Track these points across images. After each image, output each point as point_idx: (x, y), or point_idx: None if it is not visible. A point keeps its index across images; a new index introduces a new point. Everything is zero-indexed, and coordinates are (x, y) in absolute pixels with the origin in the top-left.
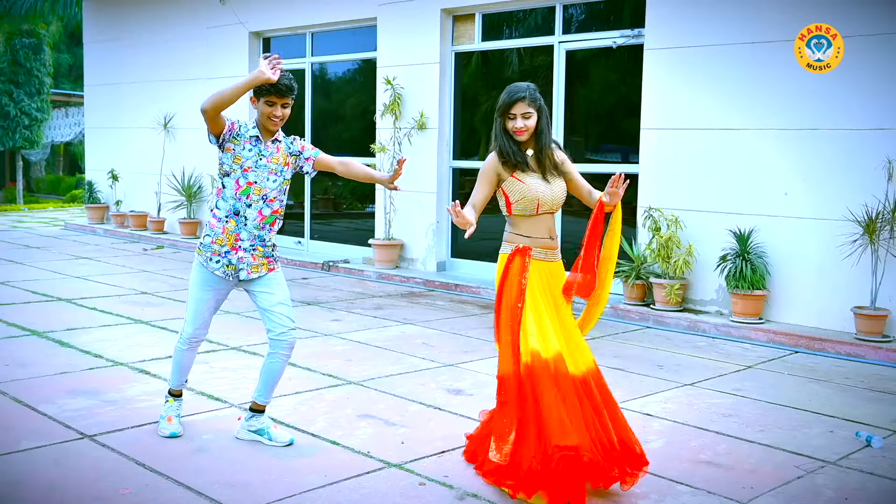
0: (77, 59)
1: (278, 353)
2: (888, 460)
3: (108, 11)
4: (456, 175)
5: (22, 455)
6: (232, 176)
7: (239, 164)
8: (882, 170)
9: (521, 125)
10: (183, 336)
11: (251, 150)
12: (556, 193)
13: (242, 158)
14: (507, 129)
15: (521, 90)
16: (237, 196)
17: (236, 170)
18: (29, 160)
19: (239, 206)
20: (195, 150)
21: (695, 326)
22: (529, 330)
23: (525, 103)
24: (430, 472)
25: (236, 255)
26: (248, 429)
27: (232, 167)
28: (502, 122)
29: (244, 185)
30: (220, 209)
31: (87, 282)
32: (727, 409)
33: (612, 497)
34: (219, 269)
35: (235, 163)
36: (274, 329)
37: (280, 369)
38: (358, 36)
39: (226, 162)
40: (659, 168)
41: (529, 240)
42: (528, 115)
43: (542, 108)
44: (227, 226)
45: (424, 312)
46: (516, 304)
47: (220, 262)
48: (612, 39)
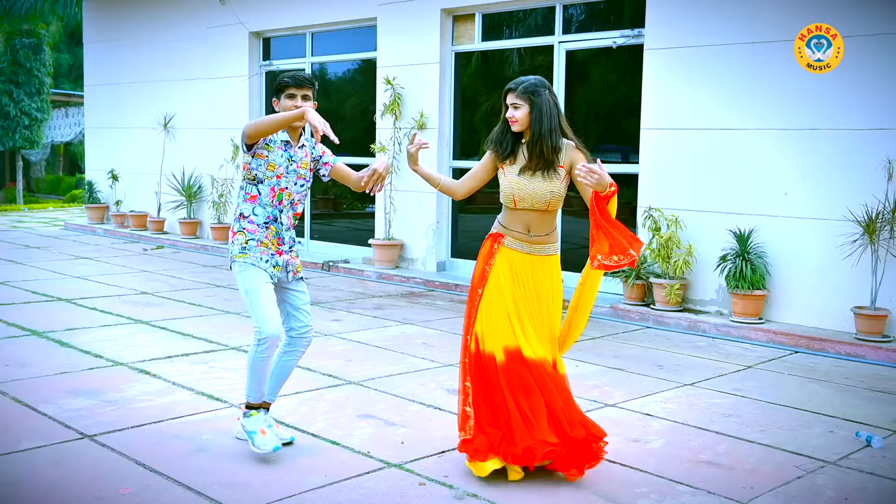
0: (77, 59)
1: (297, 350)
2: (888, 460)
3: (108, 11)
4: (456, 175)
5: (22, 455)
6: (266, 183)
7: (273, 171)
8: (882, 170)
9: (510, 114)
10: (260, 340)
11: (282, 155)
12: (538, 192)
13: (276, 165)
14: (504, 117)
15: (516, 82)
16: (273, 203)
17: (270, 176)
18: (29, 160)
19: (275, 212)
20: (195, 150)
21: (695, 326)
22: (482, 318)
23: (514, 94)
24: (430, 472)
25: (282, 258)
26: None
27: (266, 174)
28: (504, 110)
29: (278, 191)
30: (259, 216)
31: (87, 282)
32: (727, 409)
33: (611, 496)
34: (268, 267)
35: (269, 170)
36: (298, 327)
37: (293, 366)
38: (358, 36)
39: (258, 168)
40: (659, 168)
41: (504, 229)
42: (518, 105)
43: (536, 101)
44: (268, 231)
45: (424, 312)
46: (476, 288)
47: (268, 262)
48: (612, 39)
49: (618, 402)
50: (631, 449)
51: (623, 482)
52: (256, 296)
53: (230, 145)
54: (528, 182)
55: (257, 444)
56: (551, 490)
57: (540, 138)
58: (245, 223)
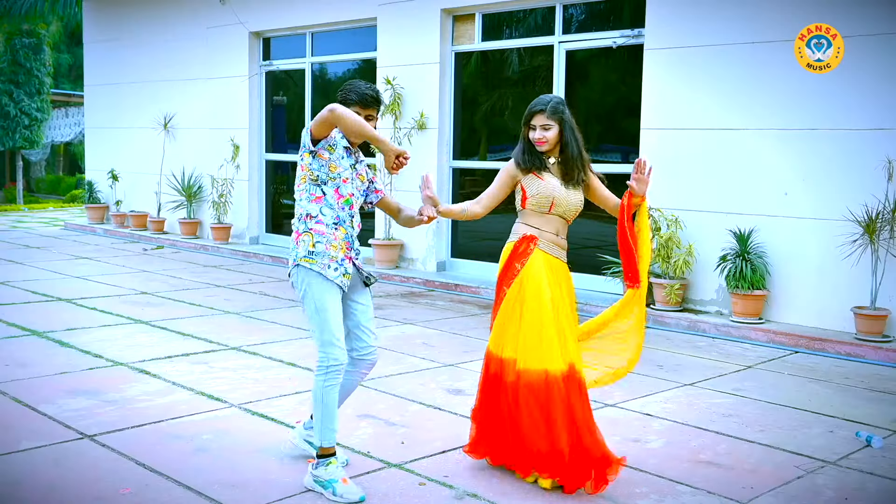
0: (77, 59)
1: (359, 372)
2: (888, 460)
3: (108, 11)
4: (456, 175)
5: (22, 455)
6: (330, 185)
7: (335, 173)
8: (882, 170)
9: (539, 136)
10: (330, 368)
11: (346, 159)
12: (572, 200)
13: (339, 167)
14: (528, 138)
15: (541, 102)
16: (340, 205)
17: (335, 178)
18: (29, 160)
19: (343, 215)
20: (195, 150)
21: (695, 326)
22: (504, 323)
23: (544, 115)
24: (430, 472)
25: (351, 264)
26: (305, 437)
27: (329, 175)
28: (525, 130)
29: (346, 195)
30: (327, 216)
31: (87, 282)
32: (727, 409)
33: (611, 496)
34: (337, 277)
35: (332, 171)
36: (360, 348)
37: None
38: (358, 36)
39: (319, 169)
40: (659, 168)
41: (538, 231)
42: (548, 126)
43: (565, 120)
44: (336, 233)
45: (424, 312)
46: (502, 285)
47: (338, 271)
48: (612, 39)
49: (618, 402)
50: (631, 449)
51: (623, 482)
52: (326, 315)
53: (230, 145)
54: (566, 191)
55: (339, 494)
56: (551, 489)
57: (577, 155)
58: (312, 223)
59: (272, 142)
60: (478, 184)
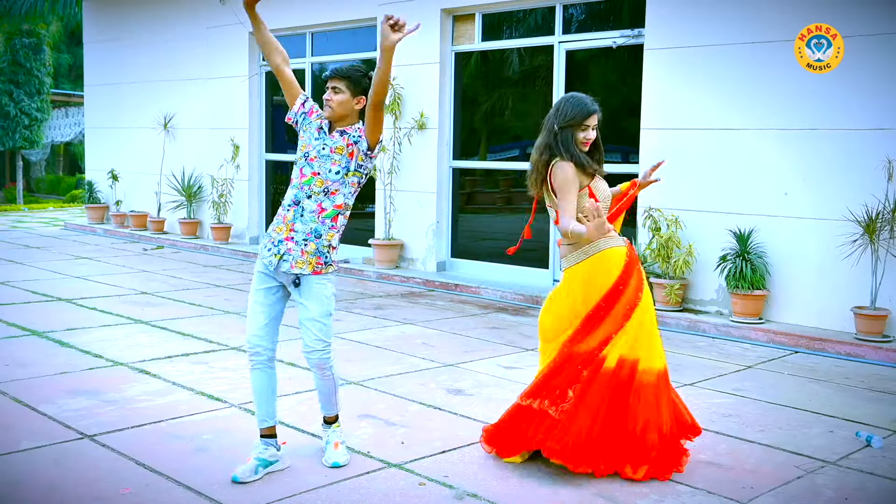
0: (77, 59)
1: (312, 370)
2: (888, 460)
3: (108, 11)
4: (456, 175)
5: (22, 455)
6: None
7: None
8: (882, 170)
9: (592, 136)
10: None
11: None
12: (608, 192)
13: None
14: (576, 139)
15: (594, 103)
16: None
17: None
18: (29, 160)
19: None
20: (195, 150)
21: (695, 326)
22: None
23: (597, 116)
24: (430, 472)
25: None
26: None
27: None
28: (573, 132)
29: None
30: (286, 197)
31: (87, 282)
32: (727, 409)
33: (611, 496)
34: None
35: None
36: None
37: (321, 386)
38: (358, 36)
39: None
40: (659, 168)
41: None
42: (595, 126)
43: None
44: (287, 214)
45: (424, 312)
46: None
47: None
48: (612, 39)
49: None
50: None
51: (623, 482)
52: (249, 300)
53: (230, 145)
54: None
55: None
56: (552, 490)
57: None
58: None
59: (272, 142)
60: (478, 184)
